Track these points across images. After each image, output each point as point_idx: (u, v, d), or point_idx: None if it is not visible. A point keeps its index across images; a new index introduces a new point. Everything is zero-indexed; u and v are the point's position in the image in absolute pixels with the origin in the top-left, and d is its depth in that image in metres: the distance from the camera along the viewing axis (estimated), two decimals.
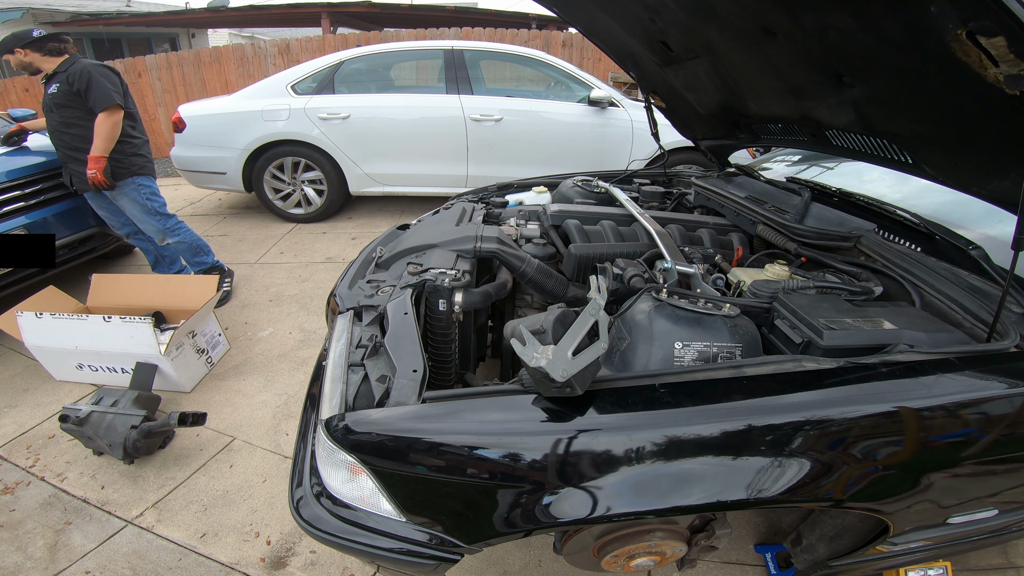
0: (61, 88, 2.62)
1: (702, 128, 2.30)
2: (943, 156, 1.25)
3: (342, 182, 4.23)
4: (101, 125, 2.61)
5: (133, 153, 2.78)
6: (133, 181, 2.79)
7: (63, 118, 2.67)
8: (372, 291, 1.36)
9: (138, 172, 2.80)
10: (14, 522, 1.74)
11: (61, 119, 2.68)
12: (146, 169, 2.86)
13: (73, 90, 2.60)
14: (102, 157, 2.63)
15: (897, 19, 1.00)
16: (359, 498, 0.98)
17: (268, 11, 10.61)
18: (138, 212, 2.86)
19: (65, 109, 2.65)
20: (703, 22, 1.49)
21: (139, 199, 2.83)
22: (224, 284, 3.18)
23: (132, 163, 2.77)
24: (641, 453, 0.88)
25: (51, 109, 2.68)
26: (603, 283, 1.20)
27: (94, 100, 2.60)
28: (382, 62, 4.45)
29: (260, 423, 2.17)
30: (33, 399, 2.35)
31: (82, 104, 2.63)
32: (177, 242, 2.99)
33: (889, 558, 1.21)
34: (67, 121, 2.67)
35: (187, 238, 3.02)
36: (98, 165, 2.62)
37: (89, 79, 2.58)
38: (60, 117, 2.67)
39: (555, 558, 1.57)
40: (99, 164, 2.63)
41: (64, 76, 2.61)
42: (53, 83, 2.64)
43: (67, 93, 2.62)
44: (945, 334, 1.09)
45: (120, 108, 2.66)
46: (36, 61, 2.62)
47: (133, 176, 2.79)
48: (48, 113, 2.71)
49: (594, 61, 6.99)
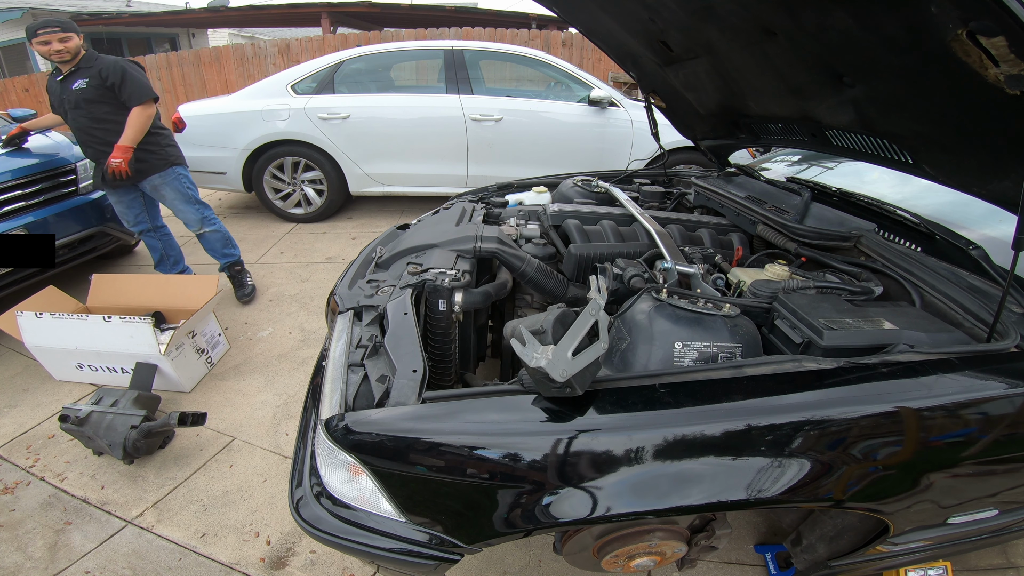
0: (91, 83, 2.54)
1: (702, 128, 2.30)
2: (943, 156, 1.25)
3: (342, 182, 4.23)
4: (137, 118, 2.58)
5: (168, 144, 2.81)
6: (174, 171, 2.82)
7: (94, 114, 2.59)
8: (372, 291, 1.36)
9: (176, 162, 2.83)
10: (14, 522, 1.74)
11: (91, 115, 2.59)
12: (182, 159, 2.89)
13: (107, 84, 2.54)
14: (130, 148, 2.60)
15: (897, 19, 1.00)
16: (359, 498, 0.98)
17: (268, 11, 10.62)
18: (179, 202, 2.86)
19: (95, 104, 2.58)
20: (703, 22, 1.49)
21: (180, 188, 2.85)
22: (248, 280, 3.21)
23: (169, 153, 2.80)
24: (641, 453, 0.88)
25: (77, 105, 2.58)
26: (603, 283, 1.20)
27: (129, 93, 2.56)
28: (382, 62, 4.45)
29: (260, 423, 2.16)
30: (33, 399, 2.35)
31: (114, 99, 2.58)
32: (213, 230, 2.99)
33: (889, 558, 1.21)
34: (98, 117, 2.60)
35: (221, 228, 3.05)
36: (125, 155, 2.58)
37: (123, 73, 2.54)
38: (90, 113, 2.59)
39: (555, 558, 1.56)
40: (127, 154, 2.59)
41: (94, 71, 2.54)
42: (78, 78, 2.55)
43: (99, 88, 2.55)
44: (945, 334, 1.09)
45: (154, 102, 2.65)
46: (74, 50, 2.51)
47: (173, 166, 2.81)
48: (73, 110, 2.60)
49: (594, 61, 7.00)
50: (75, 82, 2.55)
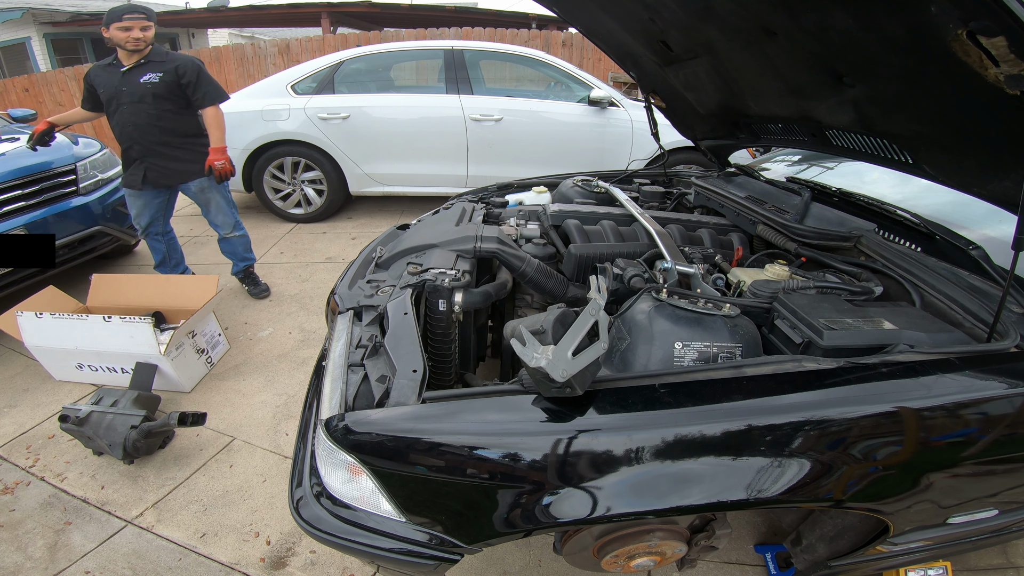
0: (165, 79, 2.49)
1: (702, 128, 2.30)
2: (943, 156, 1.25)
3: (342, 182, 4.23)
4: (217, 118, 2.61)
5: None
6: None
7: (159, 110, 2.54)
8: (372, 291, 1.36)
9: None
10: (14, 522, 1.74)
11: (156, 111, 2.53)
12: None
13: (182, 82, 2.51)
14: (226, 147, 2.65)
15: (897, 19, 1.00)
16: (359, 498, 0.98)
17: (268, 11, 10.61)
18: (223, 203, 2.89)
19: (163, 101, 2.53)
20: (703, 22, 1.49)
21: (224, 191, 2.89)
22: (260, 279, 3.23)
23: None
24: (641, 453, 0.88)
25: (142, 99, 2.50)
26: (603, 283, 1.20)
27: (205, 93, 2.55)
28: (382, 62, 4.45)
29: (260, 423, 2.16)
30: (33, 399, 2.35)
31: (180, 97, 2.56)
32: (241, 235, 3.02)
33: (889, 558, 1.21)
34: (160, 113, 2.55)
35: (246, 232, 3.07)
36: (225, 156, 2.64)
37: (199, 72, 2.54)
38: (155, 109, 2.53)
39: (555, 558, 1.56)
40: (226, 155, 2.64)
41: (169, 67, 2.49)
42: (148, 72, 2.48)
43: (171, 84, 2.50)
44: (945, 334, 1.09)
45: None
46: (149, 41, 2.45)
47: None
48: (135, 103, 2.51)
49: (594, 61, 6.99)
50: (144, 75, 2.49)
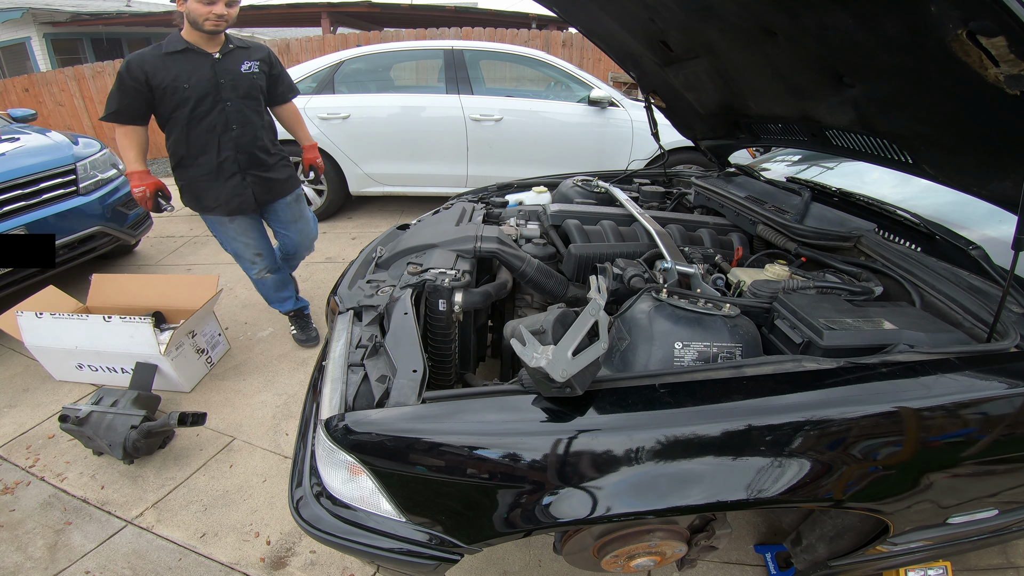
0: (263, 68, 2.10)
1: (702, 128, 2.30)
2: (943, 156, 1.25)
3: (342, 182, 4.23)
4: (300, 112, 2.36)
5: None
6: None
7: (258, 108, 2.13)
8: (372, 291, 1.36)
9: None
10: (14, 522, 1.74)
11: (256, 109, 2.12)
12: None
13: (273, 72, 2.16)
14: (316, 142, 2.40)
15: (897, 19, 1.00)
16: (359, 498, 0.98)
17: (268, 11, 10.60)
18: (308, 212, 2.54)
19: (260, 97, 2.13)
20: (703, 22, 1.49)
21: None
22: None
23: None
24: (641, 453, 0.88)
25: (248, 94, 2.07)
26: (603, 283, 1.20)
27: (289, 84, 2.24)
28: (382, 62, 4.45)
29: (260, 423, 2.16)
30: (33, 399, 2.35)
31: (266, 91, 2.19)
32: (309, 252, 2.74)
33: (889, 558, 1.21)
34: (263, 111, 2.16)
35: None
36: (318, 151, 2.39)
37: (280, 62, 2.22)
38: (256, 106, 2.11)
39: (555, 558, 1.56)
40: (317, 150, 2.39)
41: (262, 54, 2.12)
42: (244, 60, 2.05)
43: (267, 76, 2.13)
44: (945, 334, 1.09)
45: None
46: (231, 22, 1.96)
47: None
48: (240, 99, 2.06)
49: (594, 61, 6.99)
50: (243, 63, 2.05)
